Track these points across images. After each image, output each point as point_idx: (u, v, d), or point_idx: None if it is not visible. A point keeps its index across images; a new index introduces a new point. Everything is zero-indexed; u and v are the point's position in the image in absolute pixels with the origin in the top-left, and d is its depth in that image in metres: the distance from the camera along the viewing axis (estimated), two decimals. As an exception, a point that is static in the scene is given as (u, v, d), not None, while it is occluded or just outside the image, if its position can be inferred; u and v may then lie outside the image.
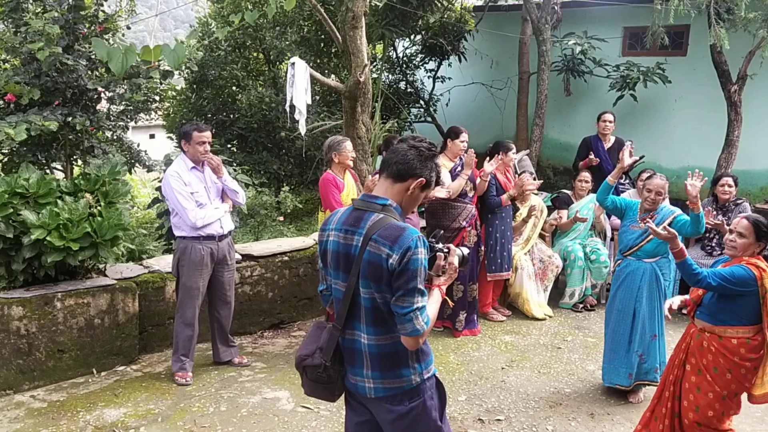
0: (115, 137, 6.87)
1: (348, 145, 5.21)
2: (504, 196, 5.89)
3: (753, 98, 7.62)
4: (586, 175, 6.65)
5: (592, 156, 6.96)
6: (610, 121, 7.09)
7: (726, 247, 3.60)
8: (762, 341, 3.46)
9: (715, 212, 6.11)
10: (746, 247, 3.48)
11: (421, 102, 10.66)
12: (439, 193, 5.25)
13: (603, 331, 5.85)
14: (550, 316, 6.22)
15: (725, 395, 3.52)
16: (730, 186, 6.10)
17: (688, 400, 3.63)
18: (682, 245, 3.57)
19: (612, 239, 6.73)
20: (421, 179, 2.48)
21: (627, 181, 7.33)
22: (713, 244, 6.16)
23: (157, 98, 7.14)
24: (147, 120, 8.90)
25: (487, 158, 5.82)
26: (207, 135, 4.62)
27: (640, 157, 7.48)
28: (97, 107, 6.25)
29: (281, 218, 7.92)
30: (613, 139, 7.19)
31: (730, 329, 3.49)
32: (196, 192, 4.57)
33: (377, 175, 4.05)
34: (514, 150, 6.05)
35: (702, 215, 4.12)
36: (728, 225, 5.62)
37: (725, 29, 6.86)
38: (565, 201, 6.69)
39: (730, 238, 3.55)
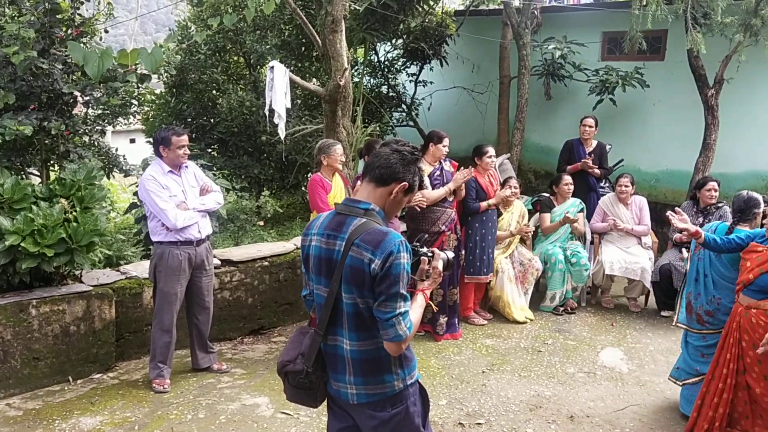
0: (92, 142, 6.78)
1: (338, 148, 5.28)
2: (483, 204, 5.89)
3: (730, 102, 7.72)
4: (568, 179, 6.69)
5: (587, 159, 6.96)
6: (590, 126, 7.13)
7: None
8: None
9: (693, 215, 6.17)
10: None
11: (403, 106, 10.67)
12: (417, 200, 5.25)
13: (582, 333, 5.94)
14: (531, 320, 6.23)
15: None
16: (716, 190, 6.13)
17: (755, 371, 3.77)
18: (696, 228, 4.03)
19: (591, 242, 6.77)
20: (404, 183, 2.47)
21: (607, 185, 7.39)
22: (689, 245, 6.21)
23: (135, 102, 7.07)
24: (126, 124, 8.83)
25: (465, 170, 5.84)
26: (185, 139, 4.58)
27: (619, 161, 7.56)
28: (73, 111, 6.17)
29: (261, 223, 7.88)
30: (594, 143, 7.25)
31: None
32: (174, 196, 4.53)
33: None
34: (490, 153, 6.00)
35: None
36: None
37: (702, 34, 6.94)
38: (547, 204, 6.72)
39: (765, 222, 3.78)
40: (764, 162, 7.78)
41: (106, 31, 7.18)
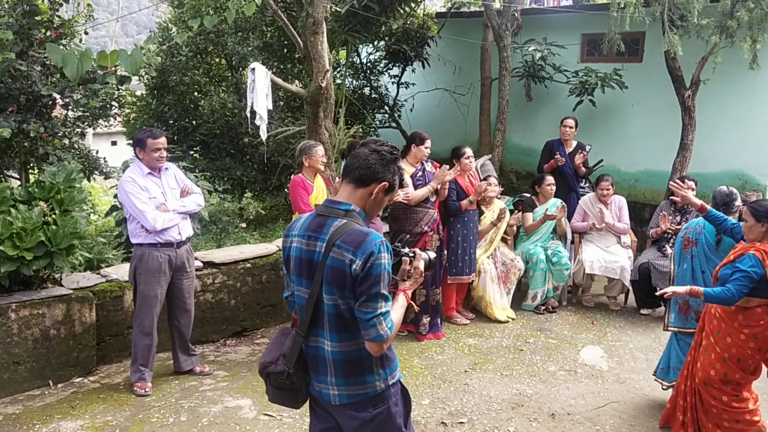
0: (71, 144, 6.72)
1: (320, 149, 5.29)
2: (464, 202, 5.93)
3: (706, 103, 7.84)
4: (550, 179, 6.76)
5: (558, 156, 7.05)
6: (571, 127, 7.22)
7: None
8: (763, 314, 3.72)
9: (672, 214, 6.26)
10: (751, 228, 3.77)
11: (386, 107, 10.70)
12: (399, 197, 5.28)
13: (563, 332, 6.01)
14: (513, 319, 6.28)
15: (726, 357, 3.81)
16: (693, 189, 6.22)
17: (700, 361, 3.94)
18: (701, 203, 4.14)
19: (572, 242, 6.83)
20: (384, 183, 2.47)
21: (587, 185, 7.47)
22: (669, 245, 6.30)
23: (115, 104, 7.01)
24: (107, 127, 8.76)
25: (447, 166, 5.89)
26: (161, 141, 4.54)
27: (599, 161, 7.64)
28: (53, 114, 6.12)
29: (244, 225, 7.85)
30: (574, 143, 7.33)
31: None
32: (154, 197, 4.51)
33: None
34: (468, 154, 6.01)
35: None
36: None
37: (679, 36, 7.04)
38: (529, 204, 6.78)
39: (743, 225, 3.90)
40: (741, 162, 7.90)
41: (86, 33, 7.12)
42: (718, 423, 3.90)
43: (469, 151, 6.03)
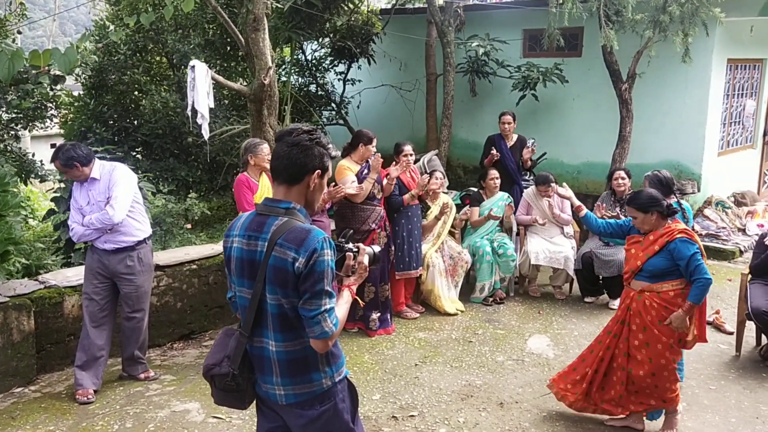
0: (5, 147, 6.49)
1: (265, 147, 5.24)
2: (406, 196, 5.96)
3: (643, 96, 8.10)
4: (494, 173, 6.86)
5: (494, 152, 7.18)
6: (509, 122, 7.35)
7: None
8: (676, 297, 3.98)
9: (611, 204, 6.44)
10: (643, 221, 4.02)
11: (333, 104, 10.68)
12: (350, 190, 5.29)
13: (511, 322, 6.11)
14: (462, 311, 6.35)
15: (672, 343, 4.01)
16: (623, 179, 6.43)
17: (641, 354, 4.05)
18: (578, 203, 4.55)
19: (518, 234, 6.96)
20: (317, 171, 2.44)
21: (531, 177, 7.61)
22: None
23: (51, 105, 6.80)
24: (44, 128, 8.49)
25: (394, 162, 5.92)
26: (56, 165, 4.50)
27: (543, 154, 7.80)
28: (-17, 116, 5.90)
29: (189, 226, 7.71)
30: (515, 137, 7.45)
31: (665, 284, 3.99)
32: (80, 207, 4.50)
33: None
34: (407, 151, 6.02)
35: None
36: (624, 216, 5.98)
37: (615, 31, 7.24)
38: (476, 198, 6.88)
39: None
40: (676, 152, 8.20)
41: (20, 33, 6.89)
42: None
43: (408, 148, 6.04)
